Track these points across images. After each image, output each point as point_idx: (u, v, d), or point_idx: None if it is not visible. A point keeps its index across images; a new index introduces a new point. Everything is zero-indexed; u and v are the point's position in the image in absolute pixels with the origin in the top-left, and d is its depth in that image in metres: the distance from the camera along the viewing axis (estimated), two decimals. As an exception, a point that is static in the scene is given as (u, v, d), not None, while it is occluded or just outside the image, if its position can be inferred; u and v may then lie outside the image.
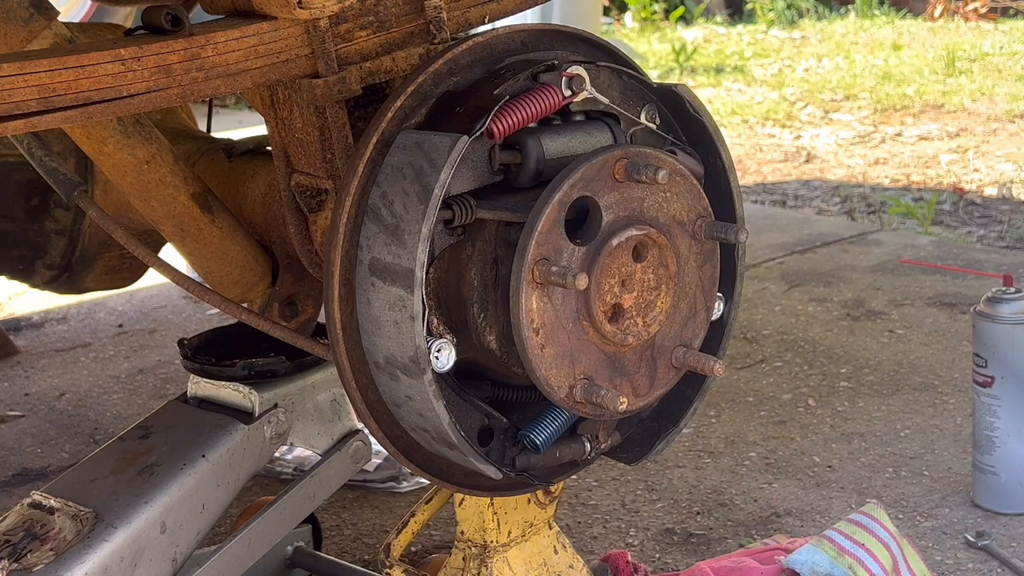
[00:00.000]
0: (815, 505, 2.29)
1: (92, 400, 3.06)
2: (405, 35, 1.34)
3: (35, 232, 2.04)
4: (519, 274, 1.16)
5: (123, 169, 1.47)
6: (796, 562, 1.76)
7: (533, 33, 1.33)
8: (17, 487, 2.57)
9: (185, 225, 1.56)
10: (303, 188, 1.41)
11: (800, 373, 2.94)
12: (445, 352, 1.21)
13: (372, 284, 1.21)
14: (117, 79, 1.15)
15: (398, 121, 1.24)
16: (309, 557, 2.00)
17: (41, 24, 1.33)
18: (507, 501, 1.51)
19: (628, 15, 10.62)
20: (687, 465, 2.48)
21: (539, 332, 1.19)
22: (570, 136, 1.27)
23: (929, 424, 2.61)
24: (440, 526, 2.23)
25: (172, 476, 1.56)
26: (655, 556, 2.14)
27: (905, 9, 10.25)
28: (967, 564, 2.05)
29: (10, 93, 1.09)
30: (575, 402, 1.24)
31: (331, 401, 1.79)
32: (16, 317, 3.72)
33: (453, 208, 1.20)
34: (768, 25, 10.05)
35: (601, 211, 1.21)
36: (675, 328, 1.31)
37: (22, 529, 1.51)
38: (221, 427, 1.65)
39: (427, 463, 1.34)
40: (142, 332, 3.55)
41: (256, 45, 1.24)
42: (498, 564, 1.52)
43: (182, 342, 1.80)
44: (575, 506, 2.33)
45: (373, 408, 1.28)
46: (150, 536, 1.52)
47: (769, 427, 2.65)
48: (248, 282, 1.66)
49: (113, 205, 1.79)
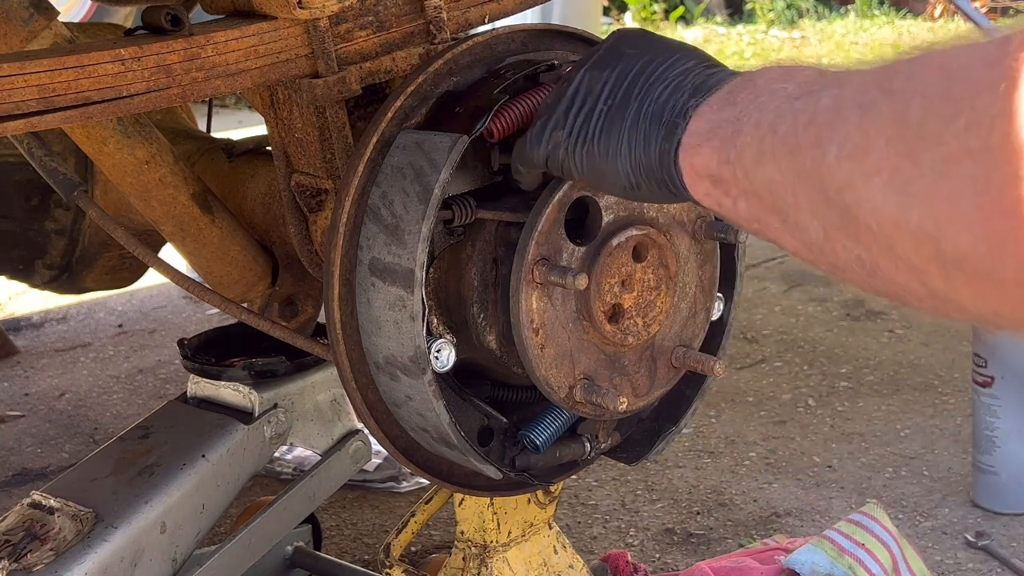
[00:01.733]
0: (815, 505, 2.29)
1: (92, 400, 3.06)
2: (405, 35, 1.34)
3: (35, 232, 2.04)
4: (519, 274, 1.16)
5: (123, 169, 1.47)
6: (796, 562, 1.76)
7: (533, 33, 1.33)
8: (17, 487, 2.57)
9: (185, 225, 1.56)
10: (303, 188, 1.41)
11: (800, 373, 2.94)
12: (445, 352, 1.21)
13: (372, 284, 1.21)
14: (117, 79, 1.14)
15: (398, 121, 1.24)
16: (309, 557, 2.00)
17: (41, 24, 1.33)
18: (507, 501, 1.51)
19: (628, 15, 10.62)
20: (687, 465, 2.48)
21: (539, 332, 1.19)
22: (570, 136, 1.27)
23: (929, 424, 2.61)
24: (440, 526, 2.23)
25: (172, 476, 1.56)
26: (655, 556, 2.14)
27: (905, 9, 10.25)
28: (967, 564, 2.05)
29: (10, 93, 1.09)
30: (575, 402, 1.24)
31: (331, 401, 1.79)
32: (16, 317, 3.72)
33: (453, 208, 1.20)
34: (768, 25, 10.04)
35: (601, 211, 1.21)
36: (675, 328, 1.31)
37: (22, 529, 1.51)
38: (221, 427, 1.65)
39: (427, 463, 1.34)
40: (142, 332, 3.55)
41: (256, 45, 1.24)
42: (498, 564, 1.52)
43: (182, 342, 1.80)
44: (575, 506, 2.33)
45: (373, 408, 1.28)
46: (150, 536, 1.52)
47: (769, 427, 2.65)
48: (248, 282, 1.66)
49: (113, 205, 1.79)
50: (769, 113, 0.81)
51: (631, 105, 0.99)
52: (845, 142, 0.72)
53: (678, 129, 0.91)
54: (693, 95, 0.93)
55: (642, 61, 1.01)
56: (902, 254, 0.70)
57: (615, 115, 1.00)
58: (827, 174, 0.74)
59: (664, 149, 0.93)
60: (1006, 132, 0.62)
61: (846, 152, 0.72)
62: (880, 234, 0.71)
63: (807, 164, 0.76)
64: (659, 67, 0.99)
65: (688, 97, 0.93)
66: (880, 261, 0.73)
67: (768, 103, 0.82)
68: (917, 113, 0.68)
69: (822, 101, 0.76)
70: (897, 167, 0.68)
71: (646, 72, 1.00)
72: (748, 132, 0.82)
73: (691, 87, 0.95)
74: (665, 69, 0.98)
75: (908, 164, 0.68)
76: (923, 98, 0.68)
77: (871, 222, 0.71)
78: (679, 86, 0.95)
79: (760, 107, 0.83)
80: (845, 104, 0.74)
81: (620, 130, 0.99)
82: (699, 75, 0.96)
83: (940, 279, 0.69)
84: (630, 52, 1.03)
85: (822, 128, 0.75)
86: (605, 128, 1.00)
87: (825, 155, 0.73)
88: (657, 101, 0.96)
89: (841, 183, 0.72)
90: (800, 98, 0.79)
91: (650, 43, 1.04)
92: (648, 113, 0.96)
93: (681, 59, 0.99)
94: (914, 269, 0.70)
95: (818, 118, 0.76)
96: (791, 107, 0.79)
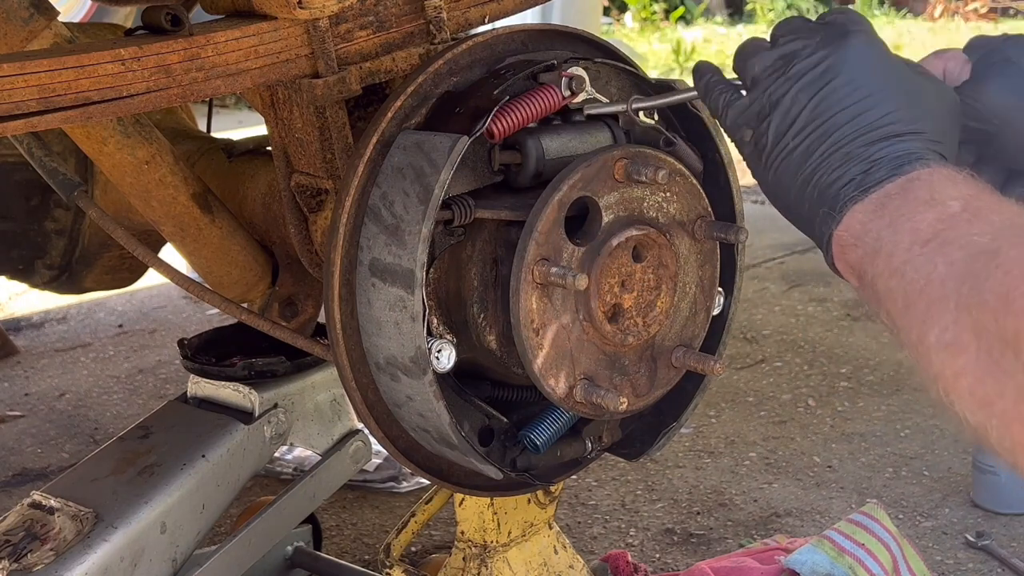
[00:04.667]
0: (815, 505, 2.29)
1: (92, 400, 3.06)
2: (405, 35, 1.33)
3: (35, 232, 2.04)
4: (519, 274, 1.16)
5: (123, 169, 1.47)
6: (796, 562, 1.76)
7: (533, 33, 1.33)
8: (17, 487, 2.57)
9: (185, 225, 1.56)
10: (303, 188, 1.41)
11: (800, 373, 2.94)
12: (446, 352, 1.21)
13: (372, 285, 1.21)
14: (117, 79, 1.14)
15: (398, 121, 1.24)
16: (309, 557, 2.00)
17: (41, 24, 1.33)
18: (507, 501, 1.51)
19: (628, 15, 10.62)
20: (687, 465, 2.48)
21: (539, 332, 1.19)
22: (570, 136, 1.27)
23: (929, 424, 2.61)
24: (440, 526, 2.23)
25: (172, 476, 1.56)
26: (655, 556, 2.14)
27: (905, 9, 10.26)
28: (967, 564, 2.05)
29: (10, 93, 1.09)
30: (575, 402, 1.24)
31: (331, 401, 1.79)
32: (16, 317, 3.72)
33: (452, 208, 1.20)
34: (768, 25, 10.05)
35: (601, 211, 1.21)
36: (675, 328, 1.31)
37: (22, 529, 1.51)
38: (221, 427, 1.65)
39: (427, 463, 1.34)
40: (142, 332, 3.55)
41: (256, 45, 1.23)
42: (498, 564, 1.52)
43: (182, 342, 1.80)
44: (575, 506, 2.33)
45: (373, 408, 1.28)
46: (150, 536, 1.52)
47: (769, 427, 2.65)
48: (248, 282, 1.66)
49: (113, 205, 1.79)
50: (901, 249, 0.86)
51: (811, 158, 0.99)
52: (943, 333, 0.77)
53: (832, 221, 0.96)
54: (857, 187, 0.95)
55: (845, 96, 0.99)
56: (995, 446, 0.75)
57: (798, 158, 1.00)
58: (925, 355, 0.79)
59: (822, 228, 0.97)
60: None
61: (944, 342, 0.77)
62: (973, 425, 0.75)
63: (912, 337, 0.81)
64: (850, 116, 0.98)
65: (853, 187, 0.95)
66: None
67: (903, 231, 0.86)
68: (1012, 326, 0.71)
69: (938, 269, 0.80)
70: (981, 380, 0.72)
71: (837, 119, 0.99)
72: (881, 262, 0.88)
73: (859, 172, 0.96)
74: (852, 124, 0.98)
75: (991, 380, 0.72)
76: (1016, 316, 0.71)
77: (963, 413, 0.76)
78: (852, 156, 0.96)
79: (896, 231, 0.87)
80: (950, 284, 0.78)
81: (794, 180, 1.00)
82: (873, 151, 0.96)
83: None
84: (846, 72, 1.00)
85: (931, 305, 0.79)
86: (784, 164, 1.01)
87: (925, 338, 0.79)
88: (832, 172, 0.97)
89: (936, 371, 0.77)
90: (927, 244, 0.83)
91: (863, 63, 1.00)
92: (820, 183, 0.98)
93: (874, 111, 0.98)
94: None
95: (928, 291, 0.80)
96: (916, 255, 0.83)
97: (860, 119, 0.97)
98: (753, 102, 1.04)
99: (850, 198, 0.94)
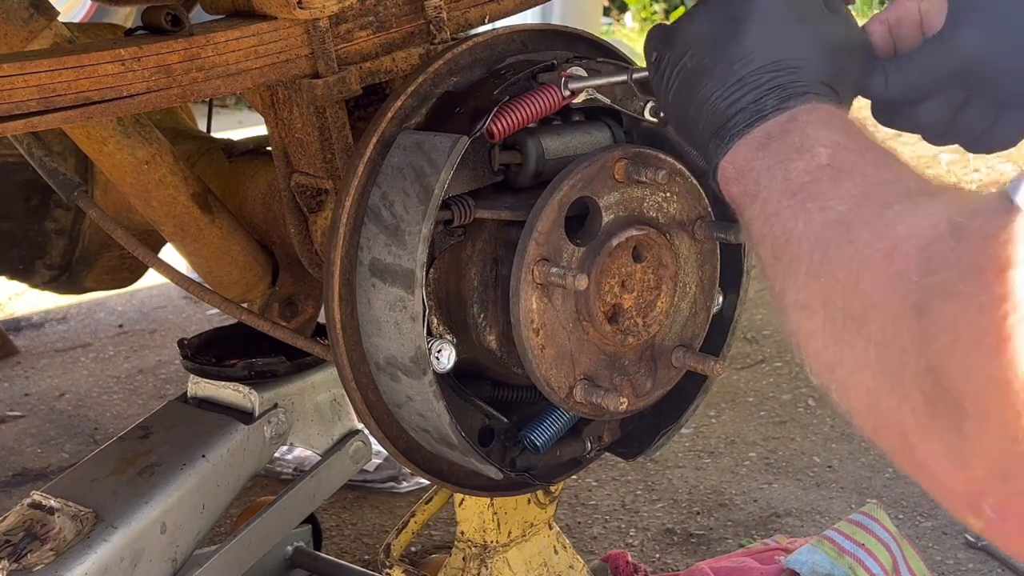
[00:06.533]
0: (815, 505, 2.29)
1: (92, 400, 3.06)
2: (405, 35, 1.34)
3: (35, 232, 2.04)
4: (519, 274, 1.16)
5: (123, 169, 1.47)
6: (796, 562, 1.76)
7: (533, 33, 1.33)
8: (17, 487, 2.57)
9: (185, 225, 1.56)
10: (303, 188, 1.41)
11: (800, 373, 2.94)
12: (446, 352, 1.21)
13: (372, 285, 1.21)
14: (117, 79, 1.14)
15: (398, 121, 1.24)
16: (309, 557, 2.00)
17: (41, 24, 1.33)
18: (507, 501, 1.51)
19: (628, 15, 10.62)
20: (687, 465, 2.48)
21: (539, 332, 1.19)
22: (570, 136, 1.27)
23: (929, 424, 2.60)
24: (440, 526, 2.23)
25: (172, 476, 1.56)
26: (655, 556, 2.15)
27: (905, 9, 10.23)
28: (967, 564, 2.05)
29: (10, 93, 1.09)
30: (575, 402, 1.24)
31: (331, 401, 1.79)
32: (16, 317, 3.72)
33: (452, 208, 1.20)
34: (768, 25, 10.04)
35: (601, 211, 1.21)
36: (675, 328, 1.31)
37: (22, 529, 1.51)
38: (221, 427, 1.65)
39: (427, 463, 1.34)
40: (142, 332, 3.55)
41: (256, 45, 1.24)
42: (498, 564, 1.52)
43: (182, 342, 1.80)
44: (575, 506, 2.33)
45: (373, 408, 1.28)
46: (150, 536, 1.52)
47: (769, 427, 2.65)
48: (248, 282, 1.66)
49: (113, 205, 1.79)
50: (773, 198, 0.88)
51: (707, 77, 1.02)
52: (798, 293, 0.80)
53: (720, 151, 0.98)
54: (748, 115, 0.97)
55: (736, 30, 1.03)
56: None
57: (695, 74, 1.04)
58: (784, 310, 0.82)
59: (712, 154, 1.00)
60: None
61: (798, 302, 0.80)
62: (819, 384, 0.78)
63: (776, 288, 0.84)
64: (749, 47, 1.01)
65: (744, 117, 0.97)
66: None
67: (777, 179, 0.89)
68: (859, 305, 0.73)
69: (798, 227, 0.83)
70: (827, 346, 0.75)
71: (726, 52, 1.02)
72: (758, 207, 0.90)
73: (751, 101, 0.98)
74: (750, 55, 1.01)
75: (834, 348, 0.75)
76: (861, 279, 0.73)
77: (811, 371, 0.79)
78: (745, 82, 0.99)
79: (772, 177, 0.89)
80: (805, 245, 0.81)
81: (691, 98, 1.03)
82: (764, 79, 0.99)
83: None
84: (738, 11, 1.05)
85: (791, 262, 0.82)
86: (683, 77, 1.05)
87: (785, 293, 0.82)
88: (726, 95, 1.00)
89: (792, 328, 0.81)
90: (794, 197, 0.86)
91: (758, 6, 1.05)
92: (714, 102, 1.00)
93: (773, 44, 1.01)
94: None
95: (788, 248, 0.83)
96: (784, 206, 0.86)
97: (758, 50, 1.01)
98: (668, 30, 1.10)
99: (738, 131, 0.97)
